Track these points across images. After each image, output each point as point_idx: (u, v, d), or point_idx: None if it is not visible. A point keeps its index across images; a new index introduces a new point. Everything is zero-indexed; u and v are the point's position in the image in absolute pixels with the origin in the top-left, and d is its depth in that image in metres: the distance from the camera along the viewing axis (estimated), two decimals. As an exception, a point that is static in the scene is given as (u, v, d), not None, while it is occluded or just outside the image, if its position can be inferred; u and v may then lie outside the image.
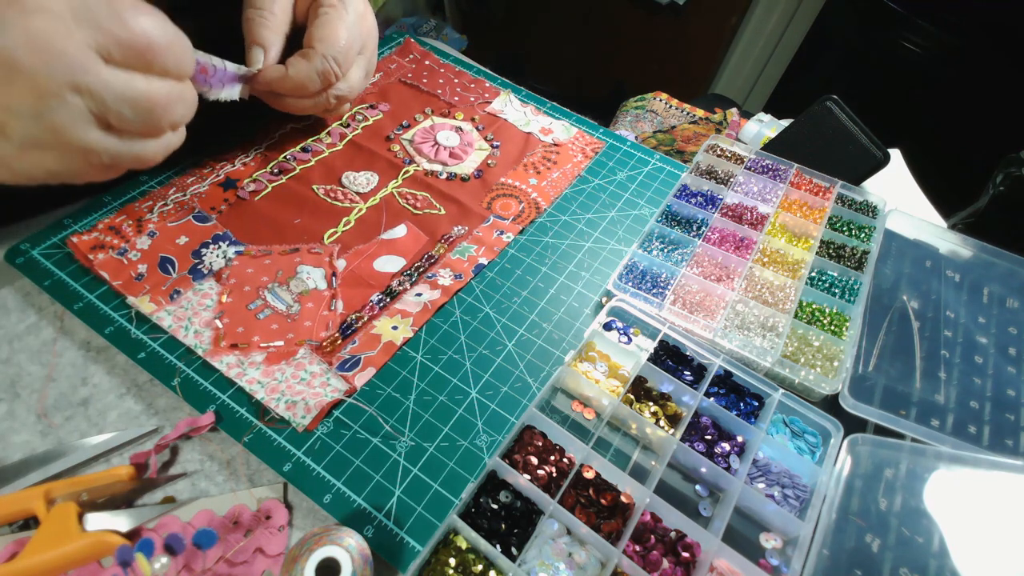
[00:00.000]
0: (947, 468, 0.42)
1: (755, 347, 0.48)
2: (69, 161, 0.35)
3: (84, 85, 0.32)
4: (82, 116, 0.33)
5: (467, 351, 0.47)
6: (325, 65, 0.49)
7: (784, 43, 1.61)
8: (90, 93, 0.32)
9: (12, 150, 0.33)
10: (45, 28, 0.30)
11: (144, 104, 0.35)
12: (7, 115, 0.31)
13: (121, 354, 0.44)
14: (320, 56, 0.49)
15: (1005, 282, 0.56)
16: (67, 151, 0.34)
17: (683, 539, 0.38)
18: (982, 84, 1.35)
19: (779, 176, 0.63)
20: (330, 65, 0.49)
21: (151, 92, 0.35)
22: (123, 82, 0.34)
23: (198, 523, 0.37)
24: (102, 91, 0.33)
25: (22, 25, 0.30)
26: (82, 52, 0.31)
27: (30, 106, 0.31)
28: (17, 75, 0.30)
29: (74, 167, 0.35)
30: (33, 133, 0.32)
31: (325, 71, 0.49)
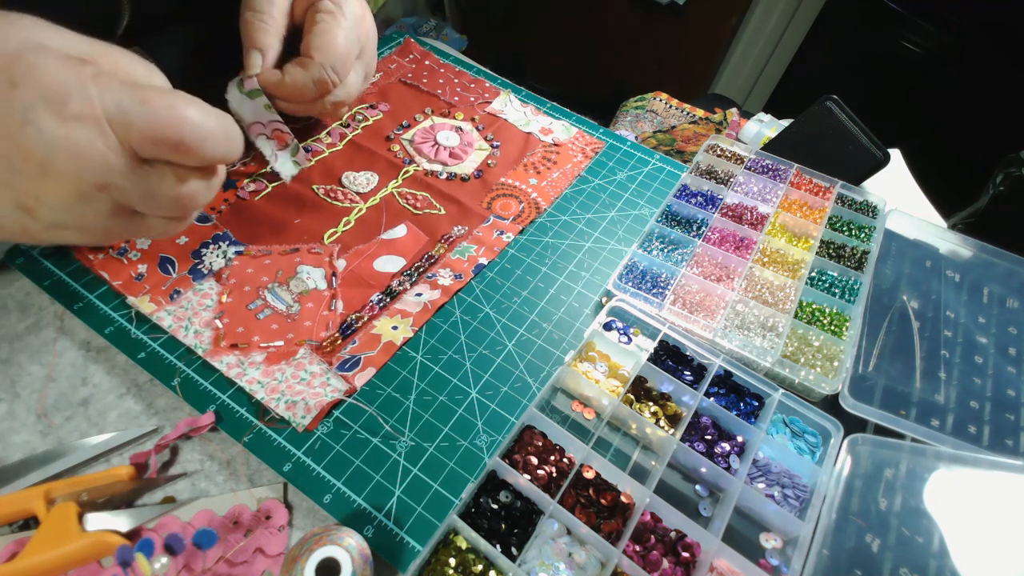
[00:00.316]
0: (947, 468, 0.42)
1: (755, 347, 0.48)
2: (91, 238, 0.36)
3: (113, 185, 0.33)
4: (108, 208, 0.34)
5: (467, 351, 0.47)
6: (322, 74, 0.48)
7: (784, 43, 1.61)
8: (119, 191, 0.33)
9: (39, 228, 0.34)
10: (81, 136, 0.31)
11: (170, 201, 0.35)
12: (36, 203, 0.32)
13: (121, 354, 0.44)
14: (317, 65, 0.48)
15: (1005, 282, 0.56)
16: (91, 233, 0.35)
17: (683, 539, 0.38)
18: (982, 84, 1.34)
19: (779, 176, 0.63)
20: (327, 74, 0.49)
21: (180, 189, 0.35)
22: (153, 180, 0.34)
23: (198, 523, 0.37)
24: (130, 189, 0.33)
25: (60, 133, 0.30)
26: (114, 155, 0.32)
27: (59, 201, 0.32)
28: (50, 176, 0.31)
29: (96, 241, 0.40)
30: (60, 219, 0.33)
31: (322, 80, 0.49)
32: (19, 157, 0.30)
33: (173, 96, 0.33)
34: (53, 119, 0.30)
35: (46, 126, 0.30)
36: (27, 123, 0.30)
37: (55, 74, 0.30)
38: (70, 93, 0.30)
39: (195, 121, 0.33)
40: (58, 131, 0.30)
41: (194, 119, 0.33)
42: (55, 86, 0.30)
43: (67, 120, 0.30)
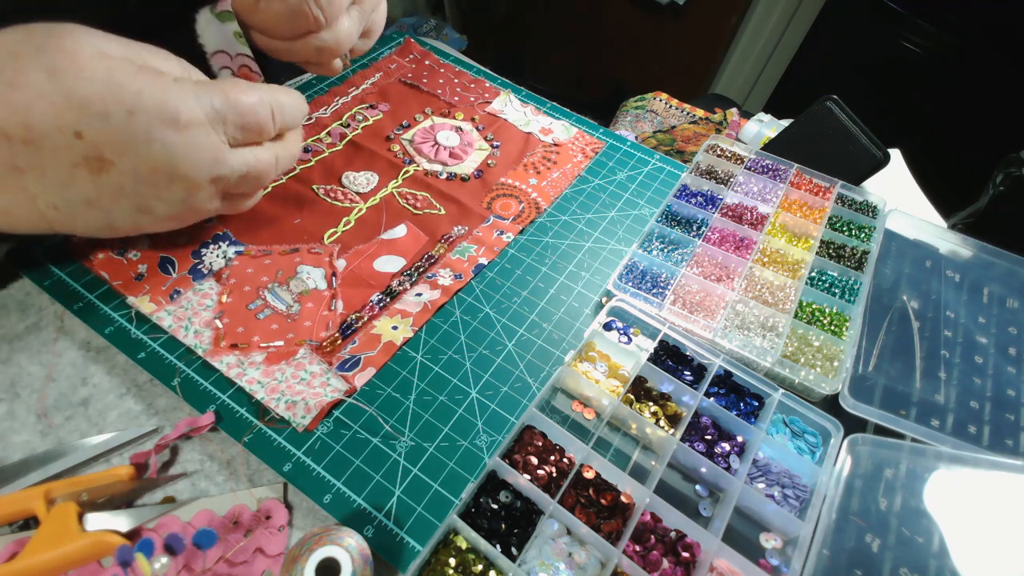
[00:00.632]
0: (947, 468, 0.42)
1: (755, 347, 0.48)
2: (188, 220, 0.42)
3: (220, 175, 0.38)
4: (214, 195, 0.40)
5: (467, 351, 0.47)
6: (302, 6, 0.42)
7: (784, 43, 1.61)
8: (224, 179, 0.39)
9: (152, 221, 0.39)
10: (198, 141, 0.36)
11: (257, 173, 0.41)
12: (157, 202, 0.38)
13: (121, 354, 0.44)
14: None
15: (1005, 282, 0.57)
16: (191, 218, 0.41)
17: (683, 539, 0.38)
18: (982, 84, 1.35)
19: (779, 176, 0.63)
20: (309, 7, 0.42)
21: (261, 162, 0.41)
22: (244, 161, 0.40)
23: (198, 523, 0.37)
24: (231, 175, 0.39)
25: (182, 140, 0.35)
26: (220, 149, 0.38)
27: (179, 197, 0.38)
28: (180, 181, 0.37)
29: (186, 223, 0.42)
30: (174, 211, 0.39)
31: (301, 12, 0.42)
32: (147, 170, 0.35)
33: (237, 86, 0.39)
34: (173, 132, 0.35)
35: (169, 139, 0.35)
36: (152, 141, 0.35)
37: (161, 93, 0.35)
38: (178, 106, 0.35)
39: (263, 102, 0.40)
40: (179, 140, 0.35)
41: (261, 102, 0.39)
42: (166, 104, 0.35)
43: (183, 130, 0.35)
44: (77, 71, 0.33)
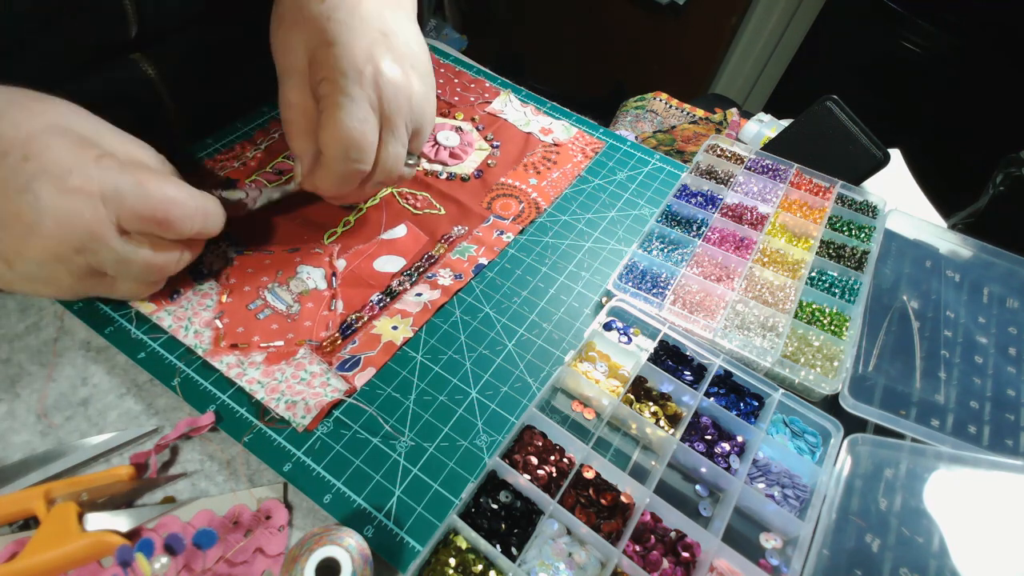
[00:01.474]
0: (947, 468, 0.42)
1: (755, 347, 0.48)
2: (61, 293, 0.40)
3: (91, 250, 0.36)
4: (80, 270, 0.37)
5: (467, 351, 0.47)
6: (345, 167, 0.43)
7: (784, 43, 1.61)
8: (95, 255, 0.37)
9: (13, 278, 0.37)
10: (75, 207, 0.35)
11: (143, 268, 0.39)
12: (15, 256, 0.36)
13: (121, 354, 0.44)
14: (331, 161, 0.43)
15: (1005, 282, 0.57)
16: (61, 289, 0.39)
17: (683, 539, 0.38)
18: (982, 84, 1.35)
19: (779, 176, 0.63)
20: (350, 167, 0.43)
21: (153, 259, 0.39)
22: (129, 251, 0.38)
23: (198, 523, 0.37)
24: (106, 256, 0.37)
25: (56, 202, 0.34)
26: (100, 226, 0.36)
27: (37, 258, 0.36)
28: (36, 236, 0.35)
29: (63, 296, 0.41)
30: (34, 273, 0.37)
31: (348, 173, 0.43)
32: (12, 215, 0.34)
33: (164, 180, 0.38)
34: (52, 189, 0.34)
35: (44, 194, 0.34)
36: (27, 190, 0.34)
37: (64, 153, 0.35)
38: (72, 170, 0.35)
39: (180, 202, 0.38)
40: (52, 200, 0.34)
41: (179, 199, 0.38)
42: (61, 163, 0.35)
43: (64, 192, 0.34)
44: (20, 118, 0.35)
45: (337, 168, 0.43)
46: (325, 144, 0.42)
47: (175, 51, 0.53)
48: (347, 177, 0.44)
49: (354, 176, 0.44)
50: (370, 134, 0.42)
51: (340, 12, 0.42)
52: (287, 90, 0.44)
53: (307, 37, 0.42)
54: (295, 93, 0.43)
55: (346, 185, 0.45)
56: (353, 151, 0.42)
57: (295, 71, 0.43)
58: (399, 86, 0.43)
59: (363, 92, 0.41)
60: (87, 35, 0.45)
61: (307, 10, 0.42)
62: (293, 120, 0.44)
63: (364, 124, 0.42)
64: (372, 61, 0.42)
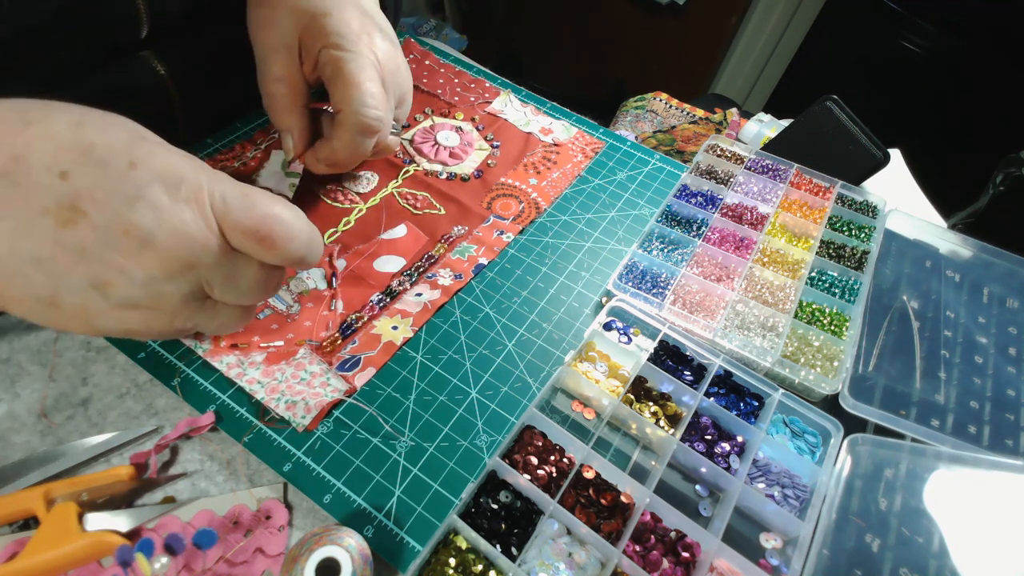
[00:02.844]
0: (947, 468, 0.42)
1: (755, 347, 0.48)
2: (154, 323, 0.34)
3: (202, 264, 0.33)
4: (188, 289, 0.34)
5: (467, 351, 0.47)
6: (364, 120, 0.43)
7: (784, 43, 1.61)
8: (206, 270, 0.33)
9: (104, 307, 0.32)
10: (188, 217, 0.32)
11: (248, 287, 0.36)
12: (118, 278, 0.31)
13: (121, 354, 0.44)
14: (350, 116, 0.43)
15: (1005, 282, 0.56)
16: (159, 316, 0.34)
17: (683, 539, 0.38)
18: (982, 84, 1.35)
19: (779, 176, 0.63)
20: (369, 119, 0.43)
21: (258, 277, 0.36)
22: (240, 265, 0.35)
23: (198, 523, 0.37)
24: (215, 272, 0.34)
25: (172, 209, 0.31)
26: (213, 238, 0.33)
27: (145, 276, 0.32)
28: (151, 251, 0.31)
29: (156, 328, 0.35)
30: (134, 296, 0.32)
31: (367, 127, 0.43)
32: (119, 231, 0.30)
33: (272, 197, 0.35)
34: (167, 198, 0.31)
35: (160, 203, 0.31)
36: (140, 199, 0.30)
37: (173, 160, 0.32)
38: (184, 178, 0.32)
39: (287, 221, 0.35)
40: (168, 209, 0.31)
41: (286, 219, 0.35)
42: (173, 170, 0.32)
43: (178, 201, 0.32)
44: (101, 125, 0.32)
45: (357, 122, 0.43)
46: (343, 100, 0.43)
47: (185, 50, 0.53)
48: (366, 130, 0.43)
49: (372, 129, 0.44)
50: (380, 85, 0.44)
51: None
52: (272, 65, 0.44)
53: (295, 12, 0.43)
54: (281, 67, 0.44)
55: (363, 143, 0.44)
56: (370, 98, 0.43)
57: (281, 46, 0.44)
58: (387, 53, 0.45)
59: (364, 49, 0.43)
60: (100, 34, 0.46)
61: None
62: (281, 94, 0.44)
63: (374, 76, 0.43)
64: (366, 30, 0.44)
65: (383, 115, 0.44)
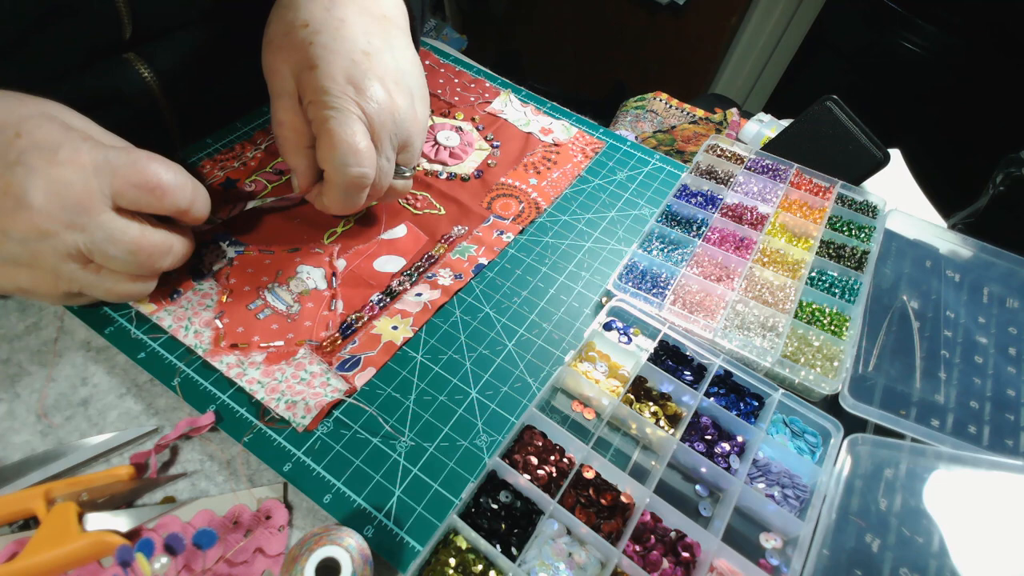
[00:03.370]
0: (947, 468, 0.42)
1: (755, 347, 0.48)
2: (40, 283, 0.38)
3: (80, 225, 0.36)
4: (68, 249, 0.36)
5: (467, 351, 0.47)
6: (347, 177, 0.42)
7: (784, 43, 1.61)
8: (83, 231, 0.36)
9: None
10: (66, 177, 0.35)
11: (130, 249, 0.38)
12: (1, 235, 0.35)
13: (121, 354, 0.44)
14: (334, 173, 0.42)
15: (1005, 282, 0.56)
16: (42, 275, 0.37)
17: (683, 539, 0.38)
18: (982, 84, 1.35)
19: (779, 176, 0.63)
20: (352, 176, 0.42)
21: (142, 240, 0.38)
22: (122, 228, 0.37)
23: (198, 523, 0.37)
24: (94, 234, 0.36)
25: (47, 172, 0.35)
26: (91, 196, 0.36)
27: (23, 234, 0.35)
28: (25, 210, 0.34)
29: (43, 289, 0.38)
30: (16, 254, 0.36)
31: (351, 183, 0.43)
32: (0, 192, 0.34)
33: (152, 156, 0.39)
34: (42, 161, 0.35)
35: (34, 165, 0.34)
36: (19, 163, 0.34)
37: (55, 132, 0.36)
38: (62, 144, 0.35)
39: (171, 171, 0.39)
40: (43, 170, 0.34)
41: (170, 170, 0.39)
42: (52, 139, 0.35)
43: (54, 164, 0.35)
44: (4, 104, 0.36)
45: (340, 179, 0.42)
46: (324, 159, 0.42)
47: (169, 51, 0.53)
48: (351, 187, 0.43)
49: (358, 186, 0.43)
50: (362, 140, 0.42)
51: (322, 36, 0.42)
52: (277, 110, 0.44)
53: (292, 61, 0.43)
54: (285, 113, 0.44)
55: (352, 197, 0.44)
56: (351, 157, 0.42)
57: (284, 92, 0.44)
58: (381, 103, 0.43)
59: (348, 105, 0.42)
60: (81, 35, 0.46)
61: (292, 35, 0.43)
62: (286, 137, 0.45)
63: (356, 132, 0.42)
64: (352, 81, 0.42)
65: (366, 171, 0.43)
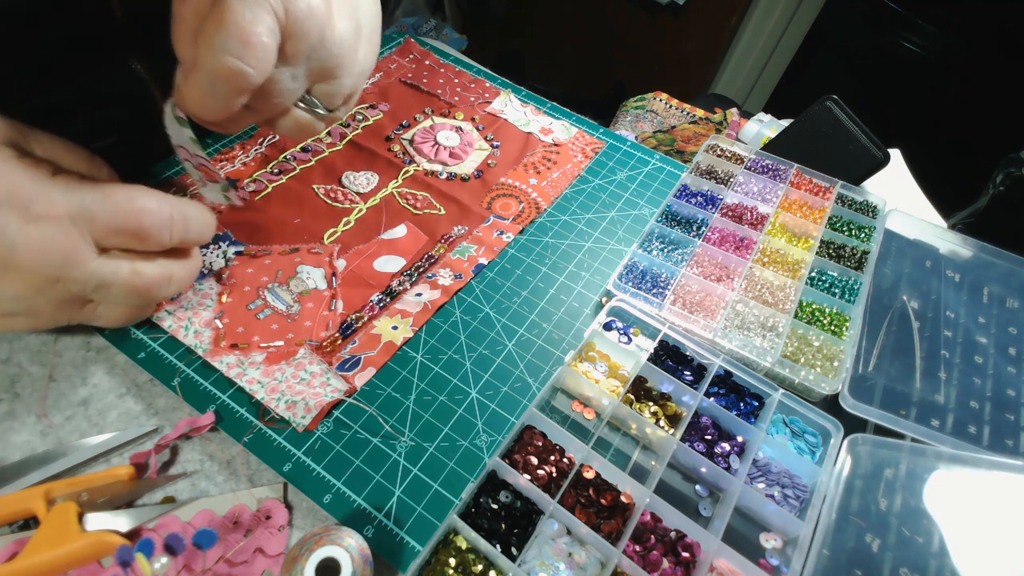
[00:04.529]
0: (947, 468, 0.42)
1: (755, 347, 0.48)
2: (39, 325, 0.38)
3: (70, 277, 0.35)
4: (60, 298, 0.36)
5: (467, 351, 0.47)
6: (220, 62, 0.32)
7: (784, 43, 1.61)
8: (75, 282, 0.35)
9: None
10: (44, 234, 0.33)
11: (125, 290, 0.37)
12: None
13: (121, 354, 0.44)
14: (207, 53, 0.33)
15: (1005, 282, 0.56)
16: (40, 319, 0.37)
17: (683, 539, 0.38)
18: (982, 84, 1.35)
19: (779, 176, 0.63)
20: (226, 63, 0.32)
21: (141, 276, 0.37)
22: (113, 270, 0.36)
23: (198, 523, 0.37)
24: (85, 282, 0.35)
25: (24, 232, 0.32)
26: (75, 248, 0.34)
27: (15, 292, 0.34)
28: (11, 271, 0.33)
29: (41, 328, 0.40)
30: (11, 308, 0.35)
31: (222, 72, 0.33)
32: None
33: (130, 189, 0.36)
34: (17, 220, 0.32)
35: (10, 228, 0.32)
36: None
37: (20, 179, 0.33)
38: (33, 197, 0.33)
39: (152, 210, 0.36)
40: (21, 231, 0.32)
41: (152, 208, 0.36)
42: (20, 192, 0.32)
43: (31, 221, 0.32)
44: None
45: (211, 63, 0.32)
46: (204, 35, 0.32)
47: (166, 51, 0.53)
48: (220, 79, 0.33)
49: (230, 81, 0.33)
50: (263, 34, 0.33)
51: None
52: None
53: None
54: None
55: (219, 93, 0.34)
56: (234, 43, 0.32)
57: None
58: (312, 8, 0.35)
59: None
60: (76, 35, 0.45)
61: None
62: (185, 17, 0.35)
63: (258, 20, 0.32)
64: None
65: (247, 69, 0.33)
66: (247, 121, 0.39)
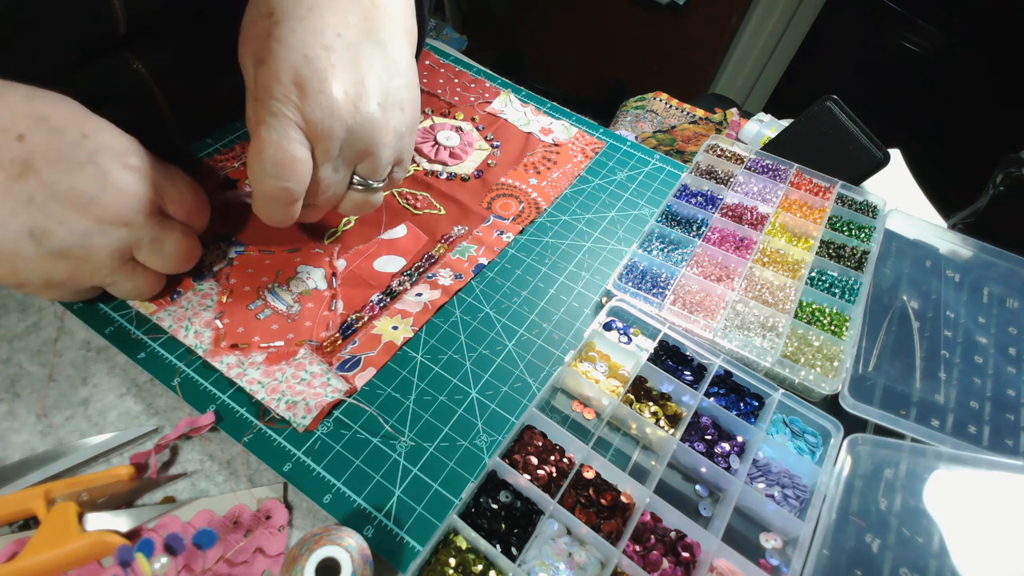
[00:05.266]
0: (947, 468, 0.42)
1: (755, 347, 0.48)
2: (76, 274, 0.39)
3: (139, 222, 0.39)
4: (119, 244, 0.39)
5: (467, 351, 0.47)
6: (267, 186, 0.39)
7: (784, 43, 1.61)
8: (141, 227, 0.39)
9: (34, 255, 0.36)
10: (133, 181, 0.38)
11: (169, 250, 0.41)
12: (58, 228, 0.36)
13: (121, 354, 0.44)
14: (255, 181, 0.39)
15: (1005, 282, 0.56)
16: (83, 268, 0.39)
17: (683, 539, 0.38)
18: (982, 84, 1.35)
19: (779, 176, 0.63)
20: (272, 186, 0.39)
21: (180, 243, 0.42)
22: (165, 231, 0.41)
23: (198, 523, 0.37)
24: (144, 232, 0.39)
25: (118, 175, 0.37)
26: (151, 201, 0.39)
27: (86, 228, 0.37)
28: (94, 206, 0.36)
29: (74, 282, 0.39)
30: (69, 246, 0.37)
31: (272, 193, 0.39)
32: (66, 187, 0.35)
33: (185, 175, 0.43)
34: (115, 164, 0.37)
35: (107, 167, 0.37)
36: (90, 163, 0.36)
37: (120, 137, 0.38)
38: (132, 151, 0.38)
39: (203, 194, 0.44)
40: (115, 173, 0.37)
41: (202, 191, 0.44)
42: (120, 144, 0.38)
43: (125, 168, 0.38)
44: (52, 100, 0.36)
45: (260, 190, 0.39)
46: (249, 167, 0.39)
47: (166, 49, 0.52)
48: (273, 200, 0.39)
49: (280, 197, 0.39)
50: (295, 151, 0.38)
51: (281, 27, 0.38)
52: (247, 106, 0.40)
53: (251, 55, 0.39)
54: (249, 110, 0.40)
55: (275, 208, 0.40)
56: (272, 168, 0.37)
57: (248, 89, 0.40)
58: (329, 108, 0.37)
59: (286, 110, 0.37)
60: (74, 32, 0.45)
61: (256, 26, 0.39)
62: None
63: (286, 141, 0.37)
64: (299, 82, 0.37)
65: (289, 186, 0.38)
66: (315, 215, 0.45)
